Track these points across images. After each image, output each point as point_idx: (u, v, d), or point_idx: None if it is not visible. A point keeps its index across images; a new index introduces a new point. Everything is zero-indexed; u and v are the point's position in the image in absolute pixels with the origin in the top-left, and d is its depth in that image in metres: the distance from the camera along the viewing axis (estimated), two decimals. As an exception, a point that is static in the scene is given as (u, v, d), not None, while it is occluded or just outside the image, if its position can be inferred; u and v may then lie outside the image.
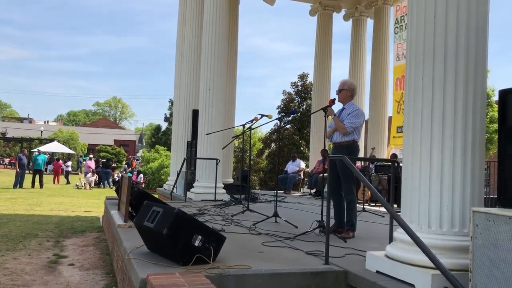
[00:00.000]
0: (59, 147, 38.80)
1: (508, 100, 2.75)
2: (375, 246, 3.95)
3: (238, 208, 7.25)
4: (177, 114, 12.38)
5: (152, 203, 3.93)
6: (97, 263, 5.67)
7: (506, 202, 2.66)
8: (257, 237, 4.88)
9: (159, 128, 44.66)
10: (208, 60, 9.11)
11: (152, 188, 21.01)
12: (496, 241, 2.44)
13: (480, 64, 3.13)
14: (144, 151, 37.50)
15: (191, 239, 3.40)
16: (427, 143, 3.12)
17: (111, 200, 8.30)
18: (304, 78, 26.44)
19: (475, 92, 3.10)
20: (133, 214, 5.43)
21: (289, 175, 12.96)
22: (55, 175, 25.75)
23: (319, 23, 13.71)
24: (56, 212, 11.27)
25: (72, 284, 4.67)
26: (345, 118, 5.30)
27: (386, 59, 12.66)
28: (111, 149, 42.99)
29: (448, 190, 3.05)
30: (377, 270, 3.34)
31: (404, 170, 3.35)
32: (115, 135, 61.23)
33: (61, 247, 6.66)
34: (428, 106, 3.13)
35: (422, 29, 3.22)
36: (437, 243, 2.98)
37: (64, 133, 45.04)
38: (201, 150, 9.07)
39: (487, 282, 2.49)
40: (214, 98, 9.03)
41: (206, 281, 2.91)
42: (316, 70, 13.80)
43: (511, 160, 2.67)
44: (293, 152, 18.37)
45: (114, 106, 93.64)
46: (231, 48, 11.90)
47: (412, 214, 3.20)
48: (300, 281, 3.35)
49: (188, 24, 11.46)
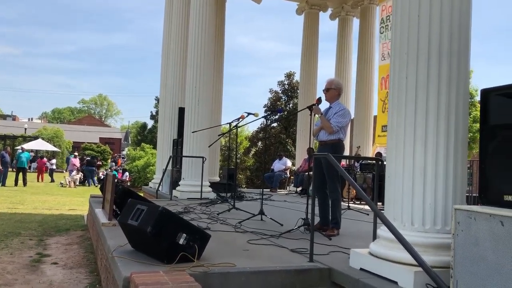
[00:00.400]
0: (43, 145, 38.29)
1: (489, 99, 2.78)
2: (359, 244, 3.98)
3: (224, 206, 7.24)
4: (163, 112, 12.32)
5: (137, 201, 3.91)
6: (81, 262, 5.61)
7: (487, 200, 2.69)
8: (243, 235, 4.89)
9: (145, 126, 44.38)
10: (194, 58, 9.07)
11: (138, 187, 20.85)
12: (477, 238, 2.48)
13: (463, 64, 3.17)
14: (130, 149, 37.23)
15: (175, 237, 3.39)
16: (411, 142, 3.16)
17: (95, 198, 8.22)
18: (290, 76, 26.50)
19: (458, 92, 3.14)
20: (118, 212, 5.39)
21: (275, 174, 12.99)
22: (39, 173, 25.43)
23: (306, 22, 13.74)
24: (40, 210, 11.12)
25: (55, 283, 4.61)
26: (331, 117, 5.33)
27: (371, 59, 12.74)
28: (97, 147, 42.52)
29: (431, 188, 3.09)
30: (361, 267, 3.36)
31: (387, 168, 3.38)
32: (100, 133, 60.56)
33: (44, 245, 6.58)
34: (412, 105, 3.17)
35: (406, 28, 3.25)
36: (420, 241, 3.02)
37: (49, 130, 44.38)
38: (187, 148, 9.03)
39: (468, 279, 2.52)
40: (200, 96, 9.00)
41: (190, 279, 2.90)
42: (302, 69, 13.83)
43: (492, 158, 2.70)
44: (280, 150, 18.42)
45: (99, 104, 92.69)
46: (218, 46, 11.87)
47: (395, 212, 3.23)
48: (285, 279, 3.36)
49: (175, 21, 11.40)
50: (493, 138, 2.71)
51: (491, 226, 2.39)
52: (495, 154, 2.68)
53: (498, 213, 2.38)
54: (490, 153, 2.72)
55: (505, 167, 2.60)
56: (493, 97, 2.76)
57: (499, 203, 2.58)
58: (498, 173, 2.65)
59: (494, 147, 2.70)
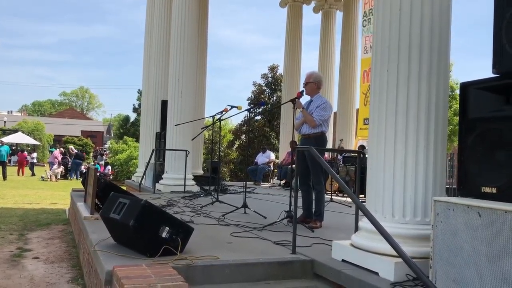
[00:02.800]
0: (24, 138, 37.69)
1: (468, 92, 2.83)
2: (341, 236, 4.02)
3: (207, 199, 7.24)
4: (145, 105, 12.20)
5: (119, 194, 3.88)
6: (63, 256, 5.56)
7: (465, 192, 2.75)
8: (226, 228, 4.90)
9: (128, 119, 43.87)
10: (177, 50, 9.00)
11: (121, 180, 20.70)
12: (455, 229, 2.53)
13: (443, 57, 3.21)
14: (112, 142, 36.83)
15: (158, 231, 3.39)
16: (391, 134, 3.19)
17: (77, 192, 8.13)
18: (274, 69, 26.47)
19: (438, 84, 3.18)
20: (100, 206, 5.34)
21: (259, 167, 13.02)
22: (19, 167, 25.03)
23: (289, 15, 13.72)
24: (21, 204, 10.96)
25: (36, 278, 4.57)
26: (313, 111, 5.35)
27: (354, 52, 12.81)
28: (78, 140, 42.04)
29: (411, 181, 3.14)
30: (342, 259, 3.40)
31: (369, 161, 3.42)
32: (82, 126, 59.85)
33: (25, 240, 6.50)
34: (393, 98, 3.20)
35: (388, 22, 3.28)
36: (400, 232, 3.07)
37: (29, 123, 43.66)
38: (170, 141, 8.98)
39: (446, 269, 2.58)
40: (183, 88, 8.94)
41: (173, 272, 2.90)
42: (286, 62, 13.83)
43: (470, 151, 2.75)
44: (263, 143, 18.44)
45: (81, 97, 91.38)
46: (201, 39, 11.78)
47: (376, 203, 3.27)
48: (268, 271, 3.39)
49: (157, 13, 11.27)
50: (471, 131, 2.76)
51: (469, 217, 2.45)
52: (474, 147, 2.74)
53: (476, 204, 2.44)
54: (469, 146, 2.77)
55: (483, 159, 2.66)
56: (472, 91, 2.81)
57: (477, 194, 2.64)
58: (476, 165, 2.70)
59: (473, 140, 2.75)
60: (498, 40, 2.65)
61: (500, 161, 2.55)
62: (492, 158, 2.61)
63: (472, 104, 2.80)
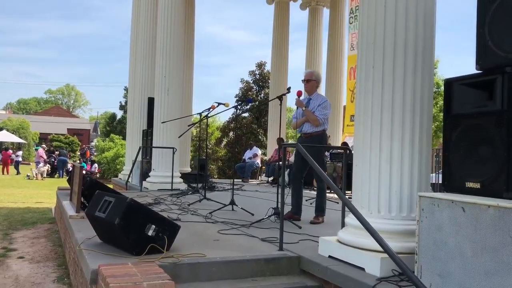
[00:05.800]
0: (8, 136, 37.18)
1: (453, 89, 2.85)
2: (328, 232, 4.03)
3: (195, 197, 7.22)
4: (132, 102, 12.10)
5: (104, 192, 3.85)
6: (49, 255, 5.51)
7: (450, 187, 2.77)
8: (213, 225, 4.89)
9: (114, 117, 43.47)
10: (163, 46, 8.93)
11: (107, 178, 20.54)
12: (440, 224, 2.56)
13: (428, 53, 3.23)
14: (99, 140, 36.49)
15: (144, 229, 3.36)
16: (377, 131, 3.21)
17: (63, 190, 8.04)
18: (262, 66, 26.43)
19: (423, 81, 3.20)
20: (86, 204, 5.29)
21: (247, 164, 13.01)
22: (4, 166, 24.70)
23: (276, 12, 13.72)
24: (5, 203, 10.82)
25: (21, 278, 4.52)
26: (315, 109, 5.31)
27: (341, 49, 12.84)
28: (65, 138, 41.62)
29: (396, 176, 3.16)
30: (329, 255, 3.42)
31: (355, 157, 3.43)
32: (68, 124, 59.15)
33: (10, 239, 6.42)
34: (378, 95, 3.21)
35: (373, 18, 3.29)
36: (386, 228, 3.08)
37: (14, 121, 43.08)
38: (157, 139, 8.92)
39: (431, 263, 2.60)
40: (170, 85, 8.88)
41: (159, 270, 2.88)
42: (273, 59, 13.83)
43: (455, 147, 2.78)
44: (251, 140, 18.42)
45: (67, 94, 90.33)
46: (188, 35, 11.72)
47: (362, 199, 3.29)
48: (255, 268, 3.39)
49: (143, 9, 11.17)
50: (456, 127, 2.79)
51: (453, 212, 2.47)
52: (458, 143, 2.76)
53: (460, 199, 2.46)
54: (453, 142, 2.80)
55: (467, 155, 2.68)
56: (456, 87, 2.84)
57: (461, 190, 2.67)
58: (460, 161, 2.73)
59: (457, 135, 2.78)
60: (481, 36, 2.67)
61: (484, 156, 2.58)
62: (476, 154, 2.63)
63: (456, 100, 2.82)
